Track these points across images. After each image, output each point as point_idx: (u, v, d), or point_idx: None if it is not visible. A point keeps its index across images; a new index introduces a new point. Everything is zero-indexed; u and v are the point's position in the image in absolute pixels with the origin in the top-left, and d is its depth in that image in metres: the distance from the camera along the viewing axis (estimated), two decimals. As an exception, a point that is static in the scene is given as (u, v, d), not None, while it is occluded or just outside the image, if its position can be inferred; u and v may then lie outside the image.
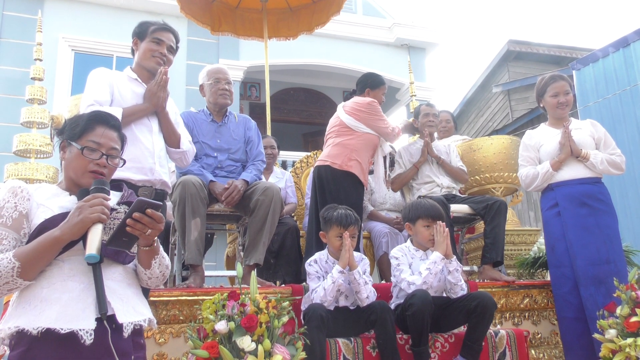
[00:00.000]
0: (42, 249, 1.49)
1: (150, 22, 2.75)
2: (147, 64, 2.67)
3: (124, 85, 2.61)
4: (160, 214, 1.58)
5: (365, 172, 3.64)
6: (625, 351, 2.49)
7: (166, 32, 2.71)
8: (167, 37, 2.70)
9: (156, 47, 2.67)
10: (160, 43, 2.68)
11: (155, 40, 2.67)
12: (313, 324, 2.39)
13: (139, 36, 2.71)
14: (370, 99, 3.69)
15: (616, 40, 6.29)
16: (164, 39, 2.68)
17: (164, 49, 2.68)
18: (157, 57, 2.66)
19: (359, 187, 3.57)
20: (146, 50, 2.67)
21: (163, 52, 2.67)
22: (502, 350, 2.81)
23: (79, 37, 8.77)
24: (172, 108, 2.78)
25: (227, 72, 3.51)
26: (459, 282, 2.72)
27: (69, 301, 1.48)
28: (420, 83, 10.11)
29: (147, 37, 2.68)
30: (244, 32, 6.08)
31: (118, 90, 2.57)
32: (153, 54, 2.66)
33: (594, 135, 3.24)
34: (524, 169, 3.35)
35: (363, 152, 3.61)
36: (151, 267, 1.70)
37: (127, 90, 2.61)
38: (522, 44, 10.99)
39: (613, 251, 3.05)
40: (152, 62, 2.66)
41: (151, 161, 2.53)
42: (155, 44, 2.67)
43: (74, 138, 1.71)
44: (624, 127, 5.89)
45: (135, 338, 1.60)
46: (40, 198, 1.66)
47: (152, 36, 2.67)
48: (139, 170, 2.47)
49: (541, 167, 3.24)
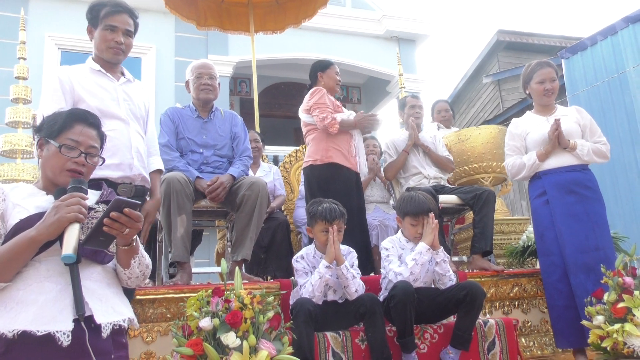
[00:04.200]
0: (18, 250, 1.46)
1: (101, 3, 2.45)
2: (105, 55, 2.46)
3: (87, 79, 2.42)
4: (139, 213, 1.56)
5: (350, 157, 3.61)
6: (612, 337, 2.50)
7: (119, 14, 2.43)
8: (122, 21, 2.43)
9: (110, 36, 2.42)
10: (114, 30, 2.42)
11: (108, 27, 2.42)
12: (300, 318, 2.38)
13: (91, 23, 2.46)
14: (312, 90, 3.70)
15: (604, 28, 6.28)
16: (118, 24, 2.42)
17: (119, 36, 2.42)
18: (114, 47, 2.43)
19: (347, 174, 3.54)
20: (101, 41, 2.43)
21: (119, 40, 2.42)
22: (492, 339, 2.81)
23: (65, 35, 8.68)
24: (143, 100, 2.64)
25: (210, 67, 3.45)
26: (447, 273, 2.72)
27: (46, 302, 1.46)
28: (411, 75, 10.09)
29: (99, 23, 2.43)
30: (231, 26, 6.05)
31: (81, 87, 2.39)
32: (109, 45, 2.43)
33: (580, 122, 3.24)
34: (510, 158, 3.34)
35: (340, 139, 3.59)
36: (130, 266, 1.68)
37: (90, 84, 2.42)
38: (512, 33, 10.99)
39: (602, 238, 3.06)
40: (110, 54, 2.45)
41: (129, 156, 2.41)
42: (109, 32, 2.42)
43: (51, 136, 1.68)
44: (613, 114, 5.90)
45: (116, 338, 1.58)
46: (16, 198, 1.63)
47: (104, 22, 2.42)
48: (117, 167, 2.36)
49: (527, 158, 3.23)
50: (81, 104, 2.35)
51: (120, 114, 2.44)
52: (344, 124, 3.58)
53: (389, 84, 10.73)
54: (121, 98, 2.48)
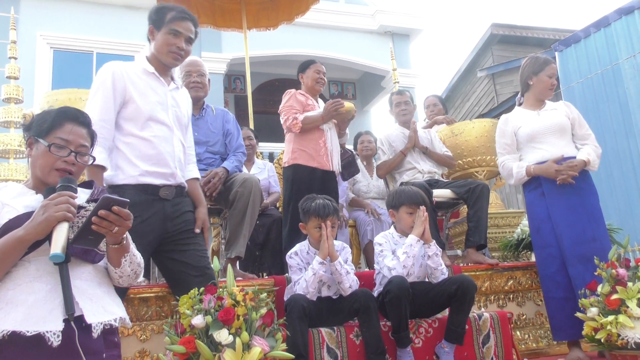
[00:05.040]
0: (6, 250, 1.45)
1: (167, 7, 2.42)
2: (164, 59, 2.41)
3: (140, 80, 2.37)
4: (128, 211, 1.55)
5: (317, 155, 3.55)
6: (606, 329, 2.51)
7: (184, 21, 2.40)
8: (186, 27, 2.40)
9: (173, 41, 2.38)
10: (178, 35, 2.38)
11: (172, 32, 2.37)
12: (294, 314, 2.38)
13: (154, 24, 2.41)
14: (286, 92, 3.73)
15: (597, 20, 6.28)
16: (182, 30, 2.38)
17: (181, 42, 2.39)
18: (175, 52, 2.39)
19: (312, 174, 3.52)
20: (163, 44, 2.39)
21: (181, 46, 2.40)
22: (486, 333, 2.81)
23: (57, 34, 8.65)
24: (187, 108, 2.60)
25: (198, 64, 3.43)
26: (439, 267, 2.72)
27: (36, 302, 1.44)
28: (405, 70, 10.09)
29: (163, 26, 2.38)
30: (224, 23, 6.02)
31: (133, 87, 2.33)
32: (170, 49, 2.38)
33: (569, 116, 3.25)
34: (502, 157, 3.35)
35: (307, 139, 3.56)
36: (121, 265, 1.67)
37: (142, 85, 2.36)
38: (506, 27, 10.98)
39: (598, 229, 3.06)
40: (169, 58, 2.40)
41: (172, 165, 2.36)
42: (172, 37, 2.38)
43: (41, 134, 1.67)
44: (607, 106, 5.91)
45: (108, 337, 1.57)
46: (5, 197, 1.62)
47: (169, 27, 2.37)
48: (160, 176, 2.33)
49: (517, 170, 3.23)
50: (130, 104, 2.32)
51: (167, 120, 2.40)
52: (308, 121, 3.54)
53: (383, 79, 10.73)
54: (169, 104, 2.43)
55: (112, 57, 8.97)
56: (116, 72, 2.33)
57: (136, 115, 2.32)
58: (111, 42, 8.97)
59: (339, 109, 3.53)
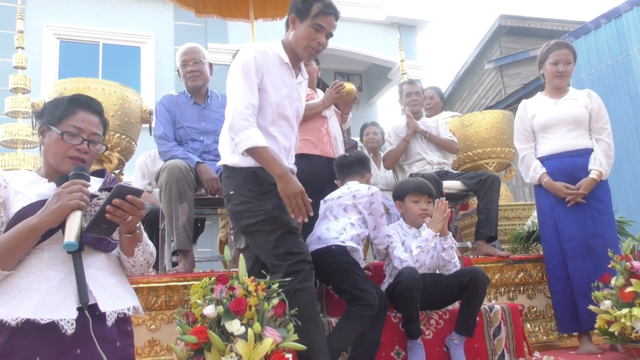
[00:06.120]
0: (20, 238, 1.44)
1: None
2: (301, 52, 2.31)
3: (275, 71, 2.29)
4: (141, 200, 1.53)
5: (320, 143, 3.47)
6: (620, 322, 2.49)
7: (330, 16, 2.28)
8: (329, 23, 2.28)
9: (315, 35, 2.26)
10: (320, 30, 2.26)
11: (316, 26, 2.25)
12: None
13: (298, 14, 2.29)
14: None
15: (608, 11, 6.22)
16: (326, 26, 2.27)
17: (322, 37, 2.28)
18: (314, 47, 2.28)
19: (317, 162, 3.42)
20: (303, 37, 2.27)
21: (322, 41, 2.28)
22: (497, 325, 2.80)
23: (63, 24, 8.62)
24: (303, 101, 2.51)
25: (194, 51, 3.33)
26: (453, 260, 2.70)
27: (49, 291, 1.44)
28: (412, 61, 10.02)
29: (308, 19, 2.26)
30: (230, 13, 5.97)
31: (269, 76, 2.26)
32: (310, 44, 2.27)
33: (588, 106, 3.15)
34: (521, 145, 3.30)
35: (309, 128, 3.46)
36: (134, 254, 1.66)
37: (277, 76, 2.29)
38: (514, 18, 10.89)
39: (602, 224, 3.03)
40: (306, 53, 2.30)
41: (285, 163, 2.29)
42: (314, 31, 2.26)
43: (53, 122, 1.65)
44: (617, 98, 5.86)
45: (121, 326, 1.57)
46: (18, 185, 1.61)
47: (314, 20, 2.25)
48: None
49: (532, 174, 3.20)
50: (262, 94, 2.25)
51: (290, 115, 2.34)
52: (309, 108, 3.41)
53: (390, 71, 10.66)
54: (294, 97, 2.38)
55: (119, 48, 8.96)
56: (258, 58, 2.24)
57: (265, 107, 2.25)
58: (118, 33, 8.94)
59: (340, 90, 3.47)
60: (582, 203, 3.03)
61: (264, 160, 2.15)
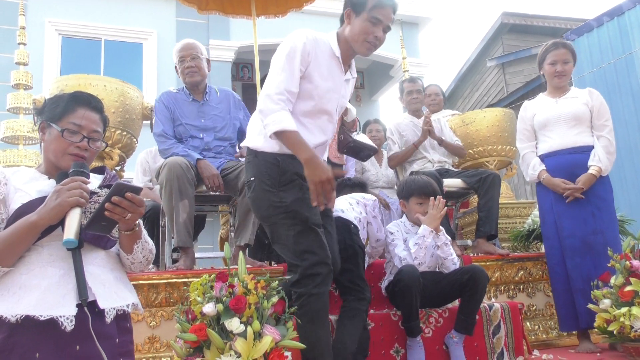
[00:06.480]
0: (19, 235, 1.45)
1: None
2: (357, 47, 2.21)
3: (325, 61, 2.20)
4: (141, 198, 1.53)
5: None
6: (619, 321, 2.49)
7: (387, 8, 2.17)
8: (386, 15, 2.17)
9: (372, 29, 2.16)
10: (377, 24, 2.16)
11: (373, 19, 2.15)
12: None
13: (354, 8, 2.19)
14: None
15: (611, 9, 6.20)
16: (383, 18, 2.16)
17: (380, 30, 2.18)
18: (371, 42, 2.19)
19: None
20: (360, 31, 2.18)
21: (379, 35, 2.19)
22: (497, 323, 2.80)
23: (65, 20, 8.62)
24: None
25: (191, 47, 3.31)
26: (450, 257, 2.70)
27: (49, 287, 1.44)
28: (414, 59, 10.00)
29: (364, 12, 2.16)
30: (232, 10, 5.95)
31: (317, 67, 2.16)
32: (367, 38, 2.18)
33: (589, 104, 3.16)
34: (522, 144, 3.31)
35: None
36: (133, 251, 1.66)
37: (326, 68, 2.20)
38: (516, 16, 10.86)
39: (602, 221, 3.03)
40: (363, 48, 2.21)
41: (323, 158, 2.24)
42: (371, 25, 2.16)
43: (54, 119, 1.65)
44: (619, 96, 5.84)
45: (120, 322, 1.57)
46: (18, 182, 1.61)
47: (370, 13, 2.15)
48: None
49: (532, 172, 3.21)
50: (307, 83, 2.16)
51: (332, 110, 2.26)
52: None
53: (392, 68, 10.64)
54: (341, 93, 2.31)
55: (120, 44, 8.96)
56: (307, 45, 2.16)
57: (307, 97, 2.16)
58: (120, 29, 8.93)
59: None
60: (581, 199, 3.02)
61: (292, 143, 2.03)
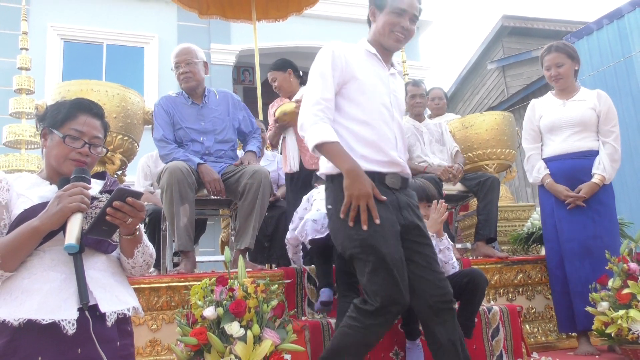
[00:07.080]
0: (22, 240, 1.47)
1: None
2: (385, 41, 2.19)
3: (362, 60, 2.19)
4: (141, 203, 1.56)
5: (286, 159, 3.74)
6: (617, 323, 2.50)
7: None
8: (410, 4, 2.16)
9: (397, 20, 2.14)
10: (402, 14, 2.14)
11: (396, 11, 2.14)
12: None
13: (376, 5, 2.20)
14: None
15: (610, 12, 6.22)
16: (407, 7, 2.14)
17: (405, 20, 2.15)
18: (398, 32, 2.16)
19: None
20: (385, 25, 2.16)
21: (405, 25, 2.15)
22: (496, 326, 2.81)
23: (67, 25, 8.68)
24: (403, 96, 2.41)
25: (186, 52, 3.32)
26: (450, 261, 2.71)
27: (51, 291, 1.47)
28: (414, 62, 10.03)
29: (386, 6, 2.17)
30: (233, 14, 6.02)
31: (357, 65, 2.15)
32: (393, 29, 2.16)
33: (597, 108, 3.12)
34: (528, 145, 3.30)
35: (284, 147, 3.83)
36: (134, 255, 1.68)
37: (366, 65, 2.18)
38: (517, 19, 10.88)
39: (602, 226, 3.03)
40: (391, 40, 2.18)
41: (394, 153, 2.15)
42: (395, 16, 2.14)
43: (55, 126, 1.68)
44: (619, 99, 5.85)
45: (121, 326, 1.59)
46: (20, 188, 1.63)
47: (392, 5, 2.15)
48: (383, 164, 2.11)
49: (536, 175, 3.22)
50: (352, 82, 2.14)
51: (387, 103, 2.20)
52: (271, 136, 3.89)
53: (392, 71, 10.67)
54: (390, 88, 2.25)
55: (122, 48, 9.00)
56: (335, 51, 2.16)
57: (357, 95, 2.14)
58: (121, 34, 8.98)
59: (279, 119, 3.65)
60: (582, 206, 3.04)
61: (332, 155, 1.99)
